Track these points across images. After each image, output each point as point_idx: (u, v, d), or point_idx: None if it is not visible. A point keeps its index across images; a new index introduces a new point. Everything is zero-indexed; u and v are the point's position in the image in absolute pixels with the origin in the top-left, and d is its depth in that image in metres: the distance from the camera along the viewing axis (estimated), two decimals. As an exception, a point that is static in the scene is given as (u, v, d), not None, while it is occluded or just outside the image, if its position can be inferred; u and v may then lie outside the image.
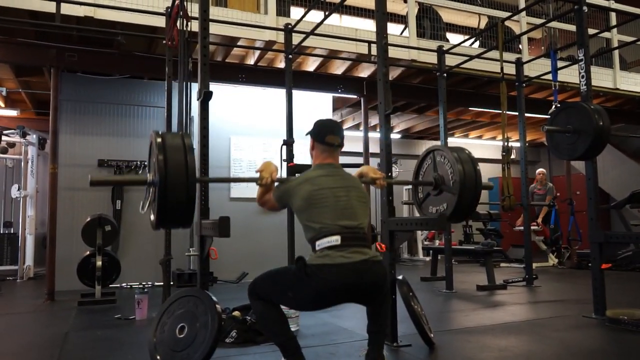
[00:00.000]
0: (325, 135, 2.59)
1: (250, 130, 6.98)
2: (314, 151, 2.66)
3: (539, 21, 7.12)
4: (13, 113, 7.82)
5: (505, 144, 4.71)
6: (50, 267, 5.29)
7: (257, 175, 2.63)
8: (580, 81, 3.96)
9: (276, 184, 2.64)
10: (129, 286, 6.04)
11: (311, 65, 6.62)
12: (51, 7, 4.53)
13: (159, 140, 2.42)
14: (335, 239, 2.34)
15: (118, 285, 5.77)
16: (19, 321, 4.28)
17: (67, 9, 4.66)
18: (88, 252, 5.13)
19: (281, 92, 5.65)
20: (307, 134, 2.68)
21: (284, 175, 4.82)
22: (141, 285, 5.56)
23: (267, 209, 2.72)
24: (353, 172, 2.77)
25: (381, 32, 3.23)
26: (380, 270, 2.41)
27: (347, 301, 2.41)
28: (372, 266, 2.35)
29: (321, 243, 2.36)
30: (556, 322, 3.80)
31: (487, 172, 11.91)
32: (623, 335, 3.35)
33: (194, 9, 3.68)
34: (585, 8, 4.03)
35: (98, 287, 4.88)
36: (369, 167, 2.94)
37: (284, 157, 4.82)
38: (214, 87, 3.04)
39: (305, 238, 2.47)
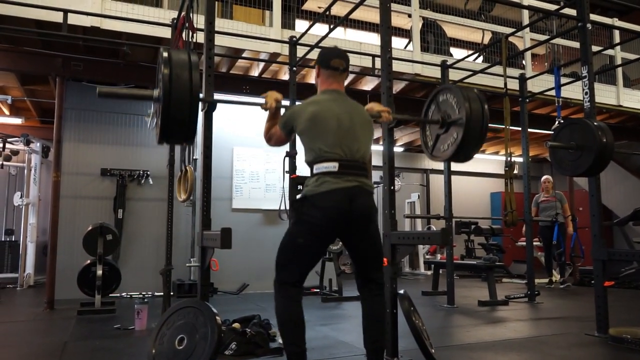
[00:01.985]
0: (331, 59, 2.62)
1: (252, 142, 6.98)
2: (319, 78, 2.69)
3: (542, 37, 7.16)
4: (18, 121, 7.86)
5: (509, 159, 4.71)
6: (50, 275, 5.28)
7: (262, 100, 2.69)
8: (583, 98, 3.96)
9: (282, 111, 2.70)
10: (129, 296, 6.01)
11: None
12: (58, 17, 4.56)
13: (165, 55, 2.46)
14: (333, 165, 2.38)
15: (118, 294, 5.75)
16: (17, 330, 4.27)
17: (74, 19, 4.69)
18: (89, 261, 5.13)
19: (284, 104, 5.67)
20: (312, 65, 2.72)
21: (286, 186, 4.85)
22: (141, 295, 5.54)
23: (273, 144, 2.72)
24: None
25: (385, 45, 3.25)
26: (370, 200, 2.45)
27: (341, 229, 2.40)
28: (362, 192, 2.40)
29: (319, 167, 2.41)
30: (558, 340, 3.76)
31: (490, 186, 11.92)
32: (626, 354, 3.31)
33: (199, 21, 3.71)
34: (589, 25, 4.05)
35: (98, 297, 4.87)
36: (374, 103, 2.96)
37: (287, 169, 4.83)
38: (218, 97, 3.06)
39: (305, 161, 2.51)
